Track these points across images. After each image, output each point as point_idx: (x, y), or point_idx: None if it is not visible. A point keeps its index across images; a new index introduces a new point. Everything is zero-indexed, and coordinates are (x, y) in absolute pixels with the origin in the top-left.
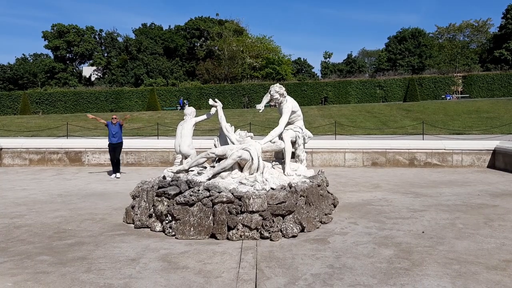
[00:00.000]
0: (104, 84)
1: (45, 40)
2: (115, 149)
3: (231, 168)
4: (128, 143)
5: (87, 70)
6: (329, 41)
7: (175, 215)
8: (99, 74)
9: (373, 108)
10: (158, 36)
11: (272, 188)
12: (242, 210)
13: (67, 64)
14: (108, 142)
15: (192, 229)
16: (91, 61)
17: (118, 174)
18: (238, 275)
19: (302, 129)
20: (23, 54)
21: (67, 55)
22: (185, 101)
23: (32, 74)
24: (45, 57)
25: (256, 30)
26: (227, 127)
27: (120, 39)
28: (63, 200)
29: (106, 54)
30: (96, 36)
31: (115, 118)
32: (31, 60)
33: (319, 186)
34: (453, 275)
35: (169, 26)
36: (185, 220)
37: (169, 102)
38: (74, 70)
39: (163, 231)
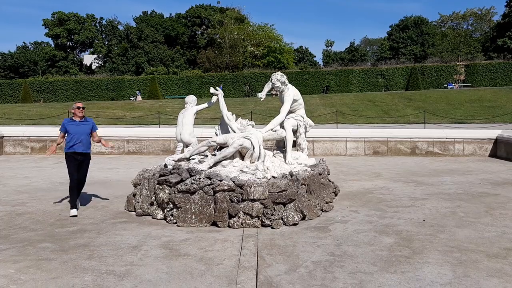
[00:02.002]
0: (105, 72)
1: (45, 28)
2: (81, 163)
3: (232, 157)
4: (130, 131)
5: (88, 59)
6: (331, 30)
7: (176, 203)
8: (100, 63)
9: (375, 97)
10: (159, 24)
11: (273, 177)
12: (243, 198)
13: (67, 52)
14: (65, 150)
15: (193, 217)
16: (91, 50)
17: (74, 211)
18: (239, 262)
19: (303, 118)
20: (24, 42)
21: (68, 43)
22: (136, 91)
23: (33, 63)
24: (45, 45)
25: (257, 18)
26: (228, 116)
27: (120, 27)
28: (64, 188)
29: (106, 42)
30: (97, 24)
31: (81, 110)
32: (32, 48)
33: (320, 174)
34: (453, 263)
35: (170, 14)
36: (187, 208)
37: (170, 90)
38: (75, 59)
39: (165, 219)
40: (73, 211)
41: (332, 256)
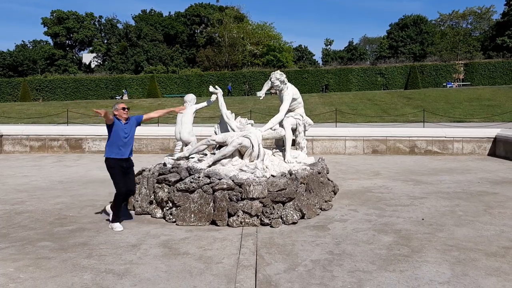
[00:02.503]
0: (104, 71)
1: (44, 26)
2: (127, 170)
3: (231, 155)
4: None
5: (87, 57)
6: (331, 29)
7: (175, 202)
8: (99, 61)
9: (374, 96)
10: (158, 23)
11: (273, 175)
12: (243, 197)
13: (66, 51)
14: (109, 156)
15: (192, 215)
16: (90, 48)
17: (120, 226)
18: (238, 261)
19: (302, 117)
20: (23, 41)
21: (67, 41)
22: (123, 90)
23: (32, 61)
24: (44, 43)
25: (256, 17)
26: (227, 114)
27: (120, 26)
28: (64, 187)
29: (106, 41)
30: (96, 23)
31: (126, 111)
32: (31, 47)
33: (319, 173)
34: (452, 261)
35: (169, 12)
36: (186, 206)
37: (169, 89)
38: (74, 57)
39: (164, 217)
40: (118, 226)
41: (331, 255)
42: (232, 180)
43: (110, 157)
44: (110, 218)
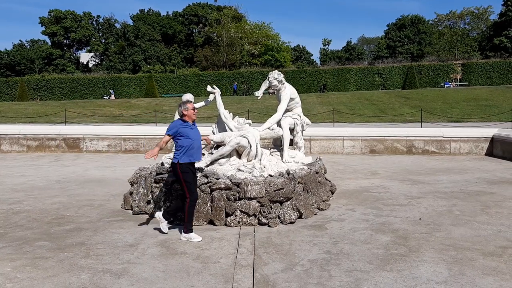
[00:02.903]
0: (102, 70)
1: (42, 26)
2: (196, 175)
3: (229, 155)
4: (127, 129)
5: (85, 57)
6: (329, 28)
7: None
8: (96, 61)
9: (371, 96)
10: (156, 22)
11: (270, 175)
12: (240, 196)
13: (64, 50)
14: (183, 161)
15: None
16: (88, 48)
17: (197, 236)
18: (236, 260)
19: (300, 116)
20: (20, 40)
21: (65, 41)
22: (110, 90)
23: (30, 61)
24: (42, 43)
25: (254, 16)
26: (225, 114)
27: (117, 25)
28: (61, 187)
29: (103, 41)
30: (94, 22)
31: (195, 112)
32: (28, 46)
33: (317, 173)
34: (449, 261)
35: (167, 12)
36: None
37: (167, 89)
38: (72, 57)
39: None
40: (196, 237)
41: (328, 255)
42: (230, 180)
43: (183, 162)
44: (162, 226)
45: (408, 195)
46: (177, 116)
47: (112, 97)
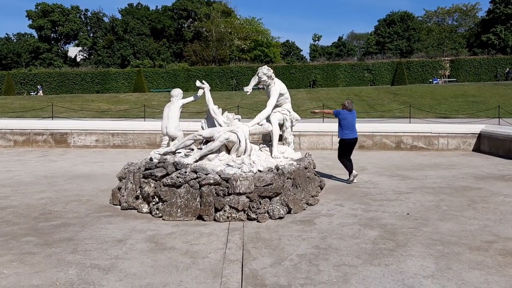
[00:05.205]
0: (90, 65)
1: (29, 19)
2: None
3: (218, 151)
4: (115, 124)
5: (73, 51)
6: (319, 24)
7: (162, 197)
8: (84, 55)
9: (361, 92)
10: (145, 17)
11: (259, 170)
12: (229, 192)
13: (52, 44)
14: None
15: (179, 210)
16: (76, 42)
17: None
18: (224, 255)
19: (290, 112)
20: (7, 34)
21: (52, 35)
22: (38, 86)
23: (16, 54)
24: (29, 37)
25: (244, 12)
26: (214, 109)
27: (106, 19)
28: (48, 182)
29: (91, 35)
30: (82, 16)
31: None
32: (15, 40)
33: (306, 168)
34: (436, 255)
35: (156, 6)
36: (172, 201)
37: (156, 84)
38: (59, 51)
39: (150, 212)
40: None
41: (317, 249)
42: (219, 175)
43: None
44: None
45: (396, 190)
46: (165, 110)
47: (40, 93)
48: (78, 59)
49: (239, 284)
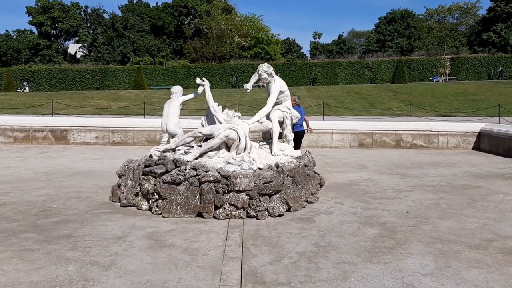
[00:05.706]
0: (90, 61)
1: (29, 15)
2: None
3: (218, 148)
4: (115, 121)
5: (73, 48)
6: (319, 21)
7: (161, 194)
8: (84, 52)
9: (361, 90)
10: (145, 14)
11: (259, 168)
12: (229, 189)
13: (51, 40)
14: None
15: (178, 207)
16: (76, 38)
17: None
18: (224, 253)
19: (290, 110)
20: (6, 30)
21: (52, 31)
22: (24, 83)
23: (16, 51)
24: (29, 33)
25: (244, 9)
26: (214, 107)
27: (106, 16)
28: (48, 178)
29: (91, 31)
30: (82, 13)
31: None
32: (15, 36)
33: (306, 166)
34: (435, 253)
35: (156, 3)
36: (172, 199)
37: (156, 81)
38: (59, 47)
39: (150, 209)
40: None
41: (316, 247)
42: (219, 173)
43: None
44: None
45: (396, 188)
46: (165, 107)
47: (26, 89)
48: (78, 56)
49: (239, 281)
